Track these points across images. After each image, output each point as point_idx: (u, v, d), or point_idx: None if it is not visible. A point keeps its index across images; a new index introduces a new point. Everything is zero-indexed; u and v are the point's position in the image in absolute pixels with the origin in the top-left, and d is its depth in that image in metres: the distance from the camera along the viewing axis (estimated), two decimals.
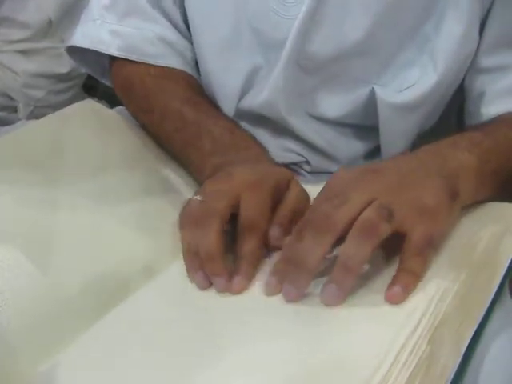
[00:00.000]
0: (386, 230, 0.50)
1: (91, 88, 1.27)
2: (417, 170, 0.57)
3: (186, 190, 0.71)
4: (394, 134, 0.72)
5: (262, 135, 0.76)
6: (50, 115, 0.81)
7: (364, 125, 0.74)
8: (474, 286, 0.51)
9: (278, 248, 0.57)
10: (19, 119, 1.12)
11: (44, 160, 0.72)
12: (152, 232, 0.63)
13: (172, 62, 0.78)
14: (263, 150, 0.71)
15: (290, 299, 0.52)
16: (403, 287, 0.50)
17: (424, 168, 0.57)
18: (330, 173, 0.75)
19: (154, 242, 0.62)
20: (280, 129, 0.75)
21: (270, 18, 0.70)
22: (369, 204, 0.51)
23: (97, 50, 0.79)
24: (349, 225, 0.50)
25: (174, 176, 0.73)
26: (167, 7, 0.78)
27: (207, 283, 0.56)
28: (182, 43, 0.78)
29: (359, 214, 0.51)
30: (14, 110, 1.14)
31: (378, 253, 0.54)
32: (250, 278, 0.56)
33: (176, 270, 0.59)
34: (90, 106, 0.83)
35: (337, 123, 0.74)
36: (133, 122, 0.82)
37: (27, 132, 0.80)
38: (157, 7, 0.78)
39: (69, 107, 0.82)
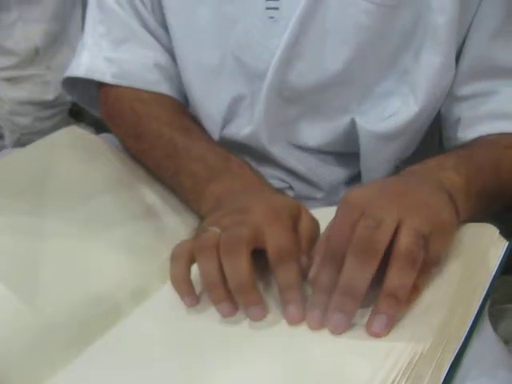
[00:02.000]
0: (422, 257, 0.50)
1: (78, 114, 1.28)
2: (422, 186, 0.57)
3: (171, 214, 0.71)
4: (375, 161, 0.73)
5: None
6: (36, 142, 0.81)
7: (345, 152, 0.75)
8: (453, 317, 0.51)
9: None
10: (5, 146, 1.12)
11: (30, 187, 0.72)
12: (139, 257, 0.64)
13: (165, 88, 0.78)
14: (260, 177, 0.70)
15: (340, 330, 0.50)
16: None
17: (427, 185, 0.57)
18: (313, 198, 0.77)
19: (141, 266, 0.63)
20: (263, 157, 0.76)
21: (253, 49, 0.71)
22: (399, 224, 0.51)
23: (92, 78, 0.79)
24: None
25: (159, 201, 0.74)
26: (159, 34, 0.79)
27: (234, 312, 0.55)
28: (174, 69, 0.79)
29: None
30: (0, 136, 1.15)
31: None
32: (302, 307, 0.53)
33: (165, 294, 0.59)
34: (76, 133, 0.83)
35: (318, 151, 0.75)
36: (119, 148, 0.82)
37: (13, 160, 0.80)
38: (151, 33, 0.79)
39: (54, 134, 0.82)
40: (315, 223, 0.61)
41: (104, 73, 0.78)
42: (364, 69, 0.70)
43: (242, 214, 0.58)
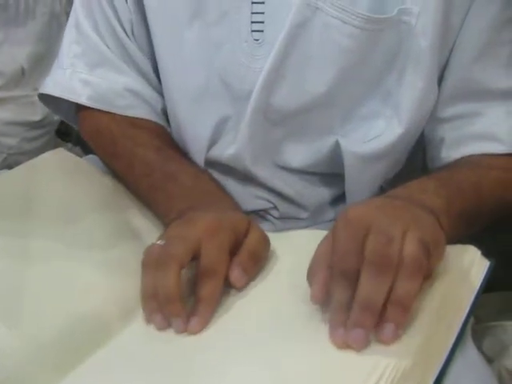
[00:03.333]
0: (427, 265, 0.52)
1: (65, 134, 1.28)
2: (411, 206, 0.58)
3: (154, 234, 0.72)
4: (360, 181, 0.74)
5: (232, 183, 0.77)
6: (21, 166, 0.82)
7: (330, 172, 0.76)
8: (435, 335, 0.52)
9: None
10: None
11: (15, 210, 0.73)
12: (124, 277, 0.64)
13: (140, 112, 0.80)
14: (227, 196, 0.73)
15: (361, 345, 0.50)
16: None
17: (414, 206, 0.59)
18: (298, 218, 0.77)
19: (126, 286, 0.63)
20: (248, 178, 0.76)
21: (239, 71, 0.72)
22: (404, 236, 0.52)
23: (67, 98, 0.81)
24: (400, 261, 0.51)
25: (143, 222, 0.75)
26: (137, 58, 0.80)
27: (165, 324, 0.58)
28: (150, 93, 0.80)
29: None
30: None
31: None
32: (207, 320, 0.58)
33: None
34: (61, 155, 0.84)
35: (303, 172, 0.76)
36: (104, 170, 0.83)
37: None
38: (126, 58, 0.80)
39: (40, 157, 0.83)
40: (263, 238, 0.64)
41: (80, 94, 0.80)
42: (347, 91, 0.71)
43: (185, 229, 0.62)
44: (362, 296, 0.50)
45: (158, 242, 0.62)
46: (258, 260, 0.62)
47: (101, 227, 0.72)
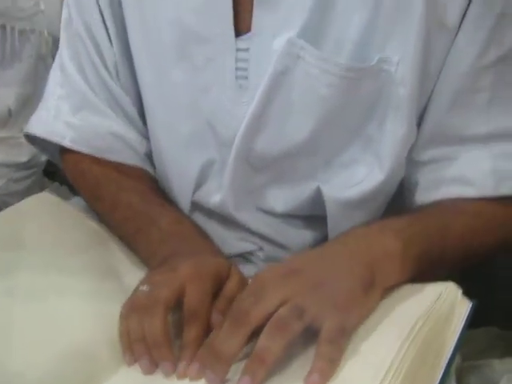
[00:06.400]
0: (297, 326, 0.54)
1: (52, 173, 1.28)
2: (337, 263, 0.61)
3: (137, 276, 0.72)
4: (343, 225, 0.74)
5: (216, 227, 0.78)
6: (6, 210, 0.82)
7: (313, 215, 0.76)
8: (418, 378, 0.52)
9: None
10: None
11: (0, 254, 0.73)
12: (110, 317, 0.64)
13: (122, 157, 0.80)
14: (208, 242, 0.74)
15: None
16: (319, 373, 0.52)
17: (346, 258, 0.61)
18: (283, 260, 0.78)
19: (113, 326, 0.63)
20: (233, 221, 0.77)
21: (224, 116, 0.73)
22: (284, 303, 0.55)
23: (51, 140, 0.81)
24: (264, 321, 0.55)
25: (126, 264, 0.76)
26: (122, 101, 0.80)
27: (153, 368, 0.59)
28: (134, 137, 0.81)
29: (274, 312, 0.55)
30: None
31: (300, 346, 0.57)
32: (193, 364, 0.59)
33: None
34: (45, 199, 0.85)
35: (286, 215, 0.76)
36: (89, 213, 0.84)
37: None
38: (111, 101, 0.80)
39: (24, 201, 0.83)
40: (243, 282, 0.65)
41: (63, 136, 0.80)
42: (329, 138, 0.71)
43: (169, 275, 0.63)
44: (214, 343, 0.56)
45: (143, 288, 0.63)
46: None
47: (84, 269, 0.72)
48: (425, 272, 0.64)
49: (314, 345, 0.55)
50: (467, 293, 0.60)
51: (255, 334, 0.56)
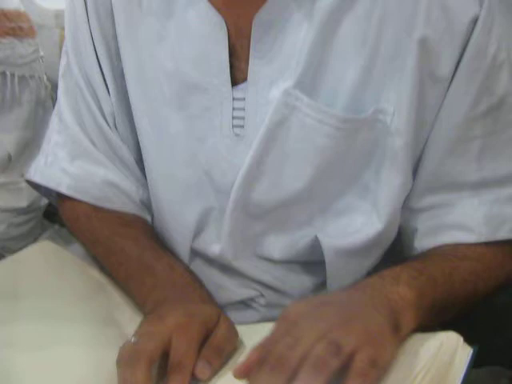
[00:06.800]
0: (335, 363, 0.54)
1: (52, 214, 1.28)
2: (363, 303, 0.61)
3: (135, 324, 0.72)
4: (341, 271, 0.75)
5: (216, 274, 0.78)
6: (7, 259, 0.85)
7: (311, 261, 0.76)
8: None
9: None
10: None
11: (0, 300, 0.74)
12: (108, 368, 0.64)
13: (117, 205, 0.81)
14: (200, 288, 0.75)
15: None
16: None
17: (370, 302, 0.61)
18: (284, 306, 0.76)
19: (113, 377, 0.63)
20: (233, 269, 0.77)
21: (221, 164, 0.73)
22: (320, 339, 0.55)
23: (48, 186, 0.83)
24: (302, 361, 0.54)
25: (124, 312, 0.76)
26: (119, 150, 0.81)
27: None
28: (129, 185, 0.81)
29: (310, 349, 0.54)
30: None
31: None
32: None
33: None
34: (46, 248, 0.86)
35: (285, 261, 0.77)
36: (89, 259, 0.84)
37: None
38: (108, 150, 0.81)
39: (24, 250, 0.85)
40: (231, 331, 0.66)
41: (59, 183, 0.82)
42: (325, 187, 0.72)
43: (155, 325, 0.64)
44: None
45: (132, 340, 0.64)
46: (223, 352, 0.64)
47: (84, 318, 0.73)
48: (435, 319, 0.65)
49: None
50: (471, 331, 0.61)
51: None
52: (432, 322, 0.64)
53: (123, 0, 0.76)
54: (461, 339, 0.60)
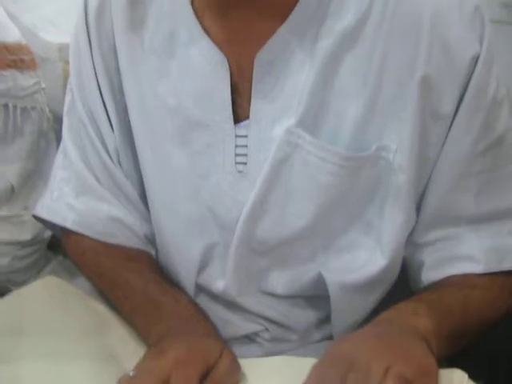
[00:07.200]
0: None
1: (56, 245, 1.28)
2: (402, 335, 0.61)
3: (135, 360, 0.72)
4: (346, 306, 0.75)
5: (221, 309, 0.78)
6: (11, 295, 0.84)
7: (316, 295, 0.76)
8: None
9: None
10: None
11: (4, 340, 0.75)
12: None
13: (122, 240, 0.82)
14: (205, 321, 0.75)
15: None
16: None
17: (405, 333, 0.62)
18: (288, 340, 0.78)
19: None
20: (237, 305, 0.77)
21: (225, 201, 0.74)
22: (385, 371, 0.55)
23: (53, 221, 0.83)
24: None
25: (125, 347, 0.76)
26: (123, 186, 0.82)
27: None
28: (133, 220, 0.82)
29: None
30: None
31: None
32: None
33: None
34: (50, 284, 0.86)
35: (289, 296, 0.77)
36: (94, 293, 0.85)
37: None
38: (112, 186, 0.81)
39: (29, 286, 0.85)
40: (233, 365, 0.67)
41: (65, 218, 0.82)
42: (329, 224, 0.72)
43: (156, 361, 0.65)
44: None
45: (131, 374, 0.64)
46: None
47: (88, 355, 0.73)
48: (450, 349, 0.66)
49: None
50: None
51: None
52: (447, 352, 0.65)
53: (125, 37, 0.77)
54: (465, 376, 0.60)
